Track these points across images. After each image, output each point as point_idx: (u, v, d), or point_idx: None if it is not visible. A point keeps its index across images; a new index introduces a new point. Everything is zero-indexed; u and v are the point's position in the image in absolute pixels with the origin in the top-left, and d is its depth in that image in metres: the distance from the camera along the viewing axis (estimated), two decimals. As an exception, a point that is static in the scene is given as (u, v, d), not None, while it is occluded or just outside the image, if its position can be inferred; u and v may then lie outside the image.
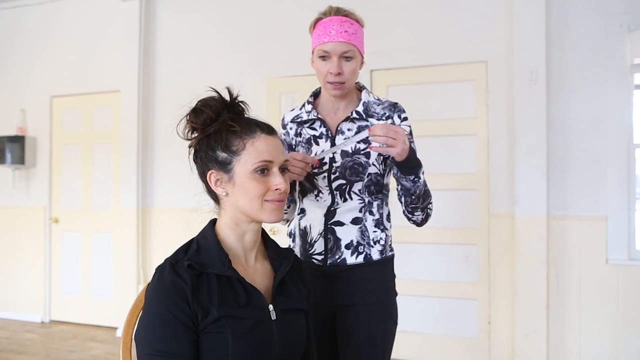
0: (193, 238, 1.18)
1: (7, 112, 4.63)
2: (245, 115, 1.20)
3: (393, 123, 1.51)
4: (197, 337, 1.04)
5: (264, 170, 1.11)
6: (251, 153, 1.11)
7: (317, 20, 1.49)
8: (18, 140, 4.44)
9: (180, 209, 3.93)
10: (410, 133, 1.55)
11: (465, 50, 3.34)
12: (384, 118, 1.52)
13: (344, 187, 1.49)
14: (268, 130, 1.15)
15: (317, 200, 1.51)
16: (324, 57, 1.46)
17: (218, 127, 1.13)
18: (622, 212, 3.01)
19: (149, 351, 1.02)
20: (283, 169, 1.16)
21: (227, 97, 1.18)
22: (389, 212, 1.57)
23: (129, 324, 1.22)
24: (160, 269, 1.09)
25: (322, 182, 1.50)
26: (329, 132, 1.53)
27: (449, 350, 3.36)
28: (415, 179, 1.42)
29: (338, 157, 1.49)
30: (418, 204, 1.48)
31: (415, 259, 3.42)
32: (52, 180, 4.54)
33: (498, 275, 3.24)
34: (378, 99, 1.57)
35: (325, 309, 1.47)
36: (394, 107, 1.55)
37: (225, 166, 1.12)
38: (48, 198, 4.53)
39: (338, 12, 1.47)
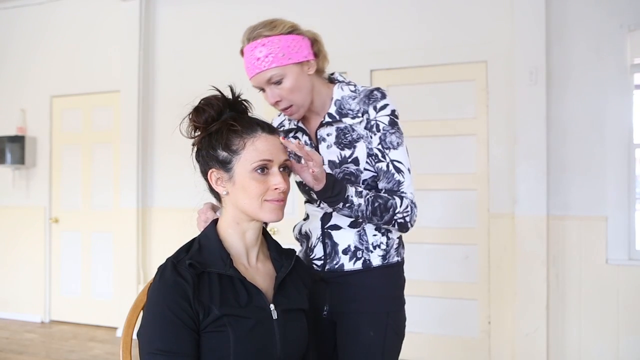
0: (195, 237, 1.18)
1: (7, 112, 4.63)
2: (249, 114, 1.20)
3: (369, 118, 1.36)
4: (198, 336, 1.04)
5: (263, 169, 1.11)
6: (251, 152, 1.11)
7: (241, 50, 1.36)
8: (18, 140, 4.44)
9: (180, 209, 3.92)
10: (391, 124, 1.36)
11: (465, 50, 3.34)
12: (360, 115, 1.36)
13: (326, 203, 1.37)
14: (269, 129, 1.15)
15: (320, 207, 1.42)
16: (259, 89, 1.34)
17: (219, 126, 1.13)
18: (622, 212, 3.01)
19: (150, 350, 1.02)
20: (284, 169, 1.16)
21: (230, 96, 1.18)
22: None
23: (129, 324, 1.22)
24: (162, 268, 1.09)
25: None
26: (311, 141, 1.42)
27: (449, 350, 3.36)
28: (348, 206, 1.27)
29: (327, 169, 1.36)
30: (372, 223, 1.34)
31: (415, 259, 3.41)
32: (52, 180, 4.54)
33: (498, 275, 3.24)
34: (355, 90, 1.39)
35: (325, 316, 1.41)
36: (369, 97, 1.36)
37: (225, 165, 1.12)
38: (48, 198, 4.53)
39: (249, 37, 1.31)
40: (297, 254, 1.28)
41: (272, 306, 1.12)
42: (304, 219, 1.50)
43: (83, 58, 4.41)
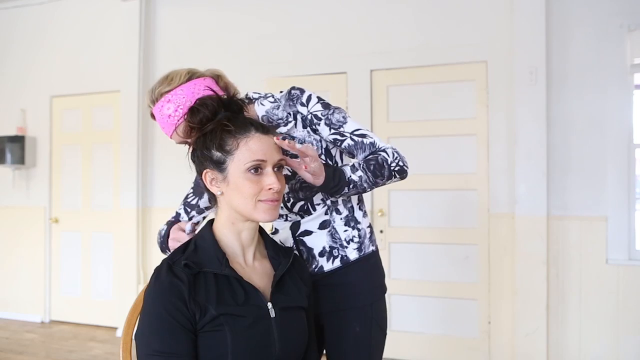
0: (191, 238, 1.19)
1: (7, 112, 4.63)
2: (245, 114, 1.20)
3: (304, 116, 1.35)
4: (195, 337, 1.04)
5: (257, 169, 1.11)
6: (244, 152, 1.11)
7: (152, 114, 1.34)
8: (18, 140, 4.44)
9: (180, 209, 3.92)
10: (325, 107, 1.36)
11: (465, 50, 3.34)
12: (290, 119, 1.36)
13: (305, 206, 1.40)
14: (263, 129, 1.15)
15: (287, 220, 1.44)
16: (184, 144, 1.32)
17: (214, 126, 1.13)
18: (622, 212, 3.01)
19: (147, 351, 1.03)
20: (278, 168, 1.16)
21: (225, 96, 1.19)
22: (359, 200, 1.46)
23: (129, 324, 1.23)
24: (157, 270, 1.10)
25: (282, 210, 1.42)
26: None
27: (449, 350, 3.36)
28: (353, 186, 1.29)
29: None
30: (379, 186, 1.36)
31: (415, 259, 3.42)
32: (52, 180, 4.54)
33: (498, 275, 3.24)
34: (274, 100, 1.38)
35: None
36: (291, 99, 1.36)
37: (219, 165, 1.13)
38: (48, 198, 4.53)
39: (152, 100, 1.30)
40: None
41: (269, 304, 1.11)
42: (272, 233, 1.50)
43: (83, 58, 4.41)
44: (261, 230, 1.25)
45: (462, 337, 3.34)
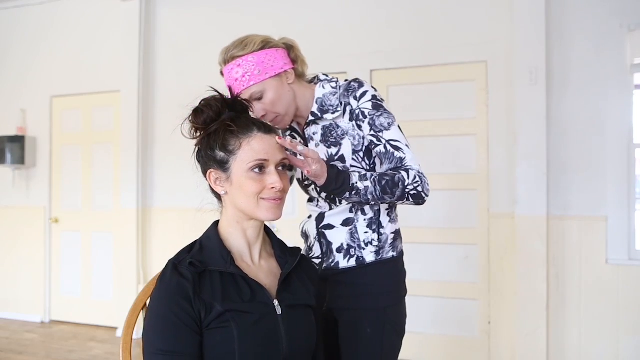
0: (197, 239, 1.19)
1: (7, 112, 4.64)
2: (250, 113, 1.21)
3: (352, 109, 1.38)
4: (200, 337, 1.05)
5: (260, 168, 1.12)
6: (247, 152, 1.12)
7: (221, 72, 1.39)
8: (18, 140, 4.44)
9: (180, 209, 3.93)
10: (375, 107, 1.37)
11: (465, 50, 3.34)
12: (339, 109, 1.39)
13: (332, 195, 1.40)
14: (265, 129, 1.16)
15: (317, 206, 1.47)
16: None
17: (217, 126, 1.14)
18: (622, 212, 3.01)
19: (152, 350, 1.04)
20: (282, 167, 1.17)
21: (229, 96, 1.19)
22: (390, 205, 1.45)
23: (129, 324, 1.23)
24: (164, 270, 1.11)
25: (313, 193, 1.46)
26: (303, 142, 1.46)
27: (449, 350, 3.36)
28: (355, 193, 1.28)
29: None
30: (387, 202, 1.35)
31: (415, 259, 3.42)
32: (52, 180, 4.54)
33: (498, 275, 3.24)
34: (335, 87, 1.42)
35: (325, 312, 1.42)
36: (348, 90, 1.39)
37: (223, 165, 1.14)
38: (48, 198, 4.53)
39: (224, 59, 1.35)
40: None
41: (275, 302, 1.12)
42: (308, 217, 1.53)
43: (83, 58, 4.41)
44: (267, 230, 1.25)
45: (462, 337, 3.34)
